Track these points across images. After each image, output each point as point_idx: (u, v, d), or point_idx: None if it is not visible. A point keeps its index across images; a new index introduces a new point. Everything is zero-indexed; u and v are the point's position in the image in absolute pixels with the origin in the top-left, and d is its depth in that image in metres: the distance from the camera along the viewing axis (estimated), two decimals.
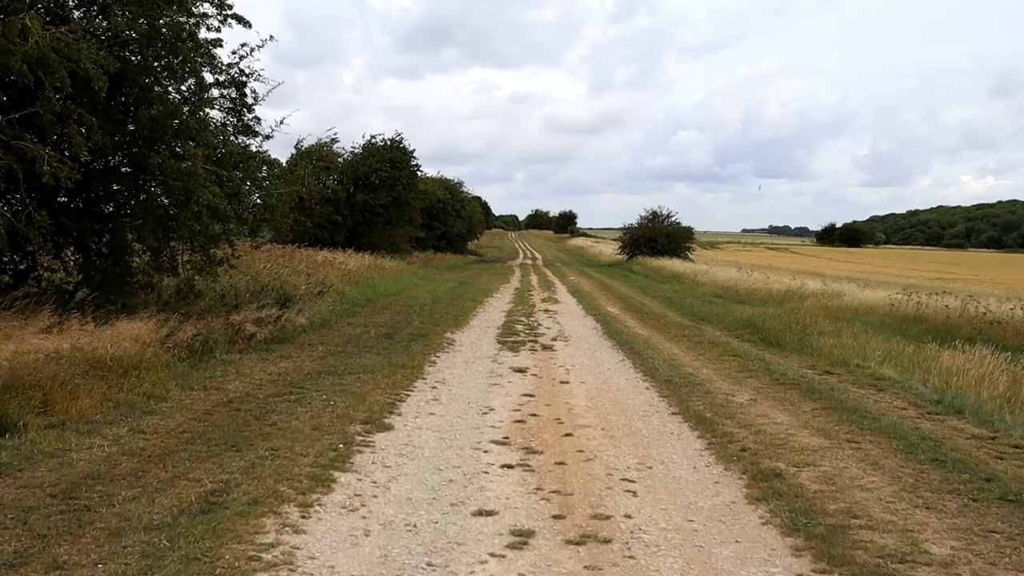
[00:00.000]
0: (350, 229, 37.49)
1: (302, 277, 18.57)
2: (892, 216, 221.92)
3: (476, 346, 14.45)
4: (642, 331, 17.52)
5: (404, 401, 9.49)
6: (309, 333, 14.37)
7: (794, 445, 7.81)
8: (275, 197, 13.05)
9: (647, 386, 11.07)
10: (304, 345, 13.11)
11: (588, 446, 7.77)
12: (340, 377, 10.57)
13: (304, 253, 24.60)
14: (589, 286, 33.27)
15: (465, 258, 54.72)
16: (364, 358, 12.14)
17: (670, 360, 13.20)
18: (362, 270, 26.16)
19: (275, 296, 15.55)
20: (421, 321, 17.27)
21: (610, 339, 16.12)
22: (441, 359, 12.72)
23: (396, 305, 20.51)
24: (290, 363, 11.50)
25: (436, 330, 15.92)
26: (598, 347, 15.02)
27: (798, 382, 11.23)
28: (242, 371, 10.68)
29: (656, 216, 59.69)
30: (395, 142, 40.17)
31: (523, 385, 10.90)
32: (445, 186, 54.57)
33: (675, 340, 16.02)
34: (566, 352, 14.13)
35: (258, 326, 12.88)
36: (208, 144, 11.63)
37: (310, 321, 14.96)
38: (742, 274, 40.48)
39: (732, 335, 17.80)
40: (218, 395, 9.22)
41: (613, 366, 12.79)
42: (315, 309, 16.00)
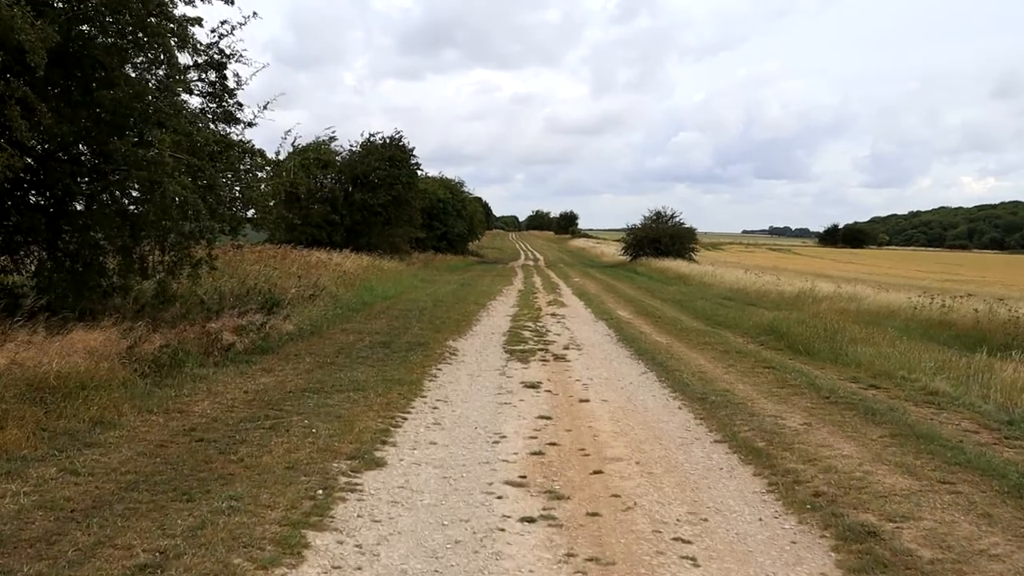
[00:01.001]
0: (348, 229, 36.06)
1: (293, 279, 17.09)
2: (894, 217, 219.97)
3: (481, 356, 12.99)
4: (660, 338, 16.06)
5: (400, 426, 8.01)
6: (297, 342, 12.90)
7: (877, 487, 6.33)
8: (255, 190, 11.55)
9: (679, 405, 9.60)
10: (290, 356, 11.64)
11: (624, 488, 6.30)
12: (327, 396, 9.09)
13: (298, 254, 23.14)
14: (595, 288, 31.81)
15: (466, 259, 53.22)
16: (356, 372, 10.68)
17: (698, 372, 11.74)
18: (359, 271, 24.70)
19: (261, 301, 14.09)
20: (421, 327, 15.80)
21: (626, 347, 14.67)
22: (443, 372, 11.26)
23: (394, 309, 19.04)
24: (271, 378, 10.03)
25: (437, 337, 14.45)
26: (615, 356, 13.56)
27: (852, 401, 9.76)
28: (214, 388, 9.20)
29: (660, 216, 58.27)
30: (394, 140, 38.72)
31: (537, 404, 9.43)
32: (446, 186, 53.08)
33: (698, 348, 14.56)
34: (581, 363, 12.67)
35: (238, 335, 11.42)
36: (181, 131, 10.16)
37: (298, 328, 13.49)
38: (750, 276, 39.13)
39: (755, 342, 16.38)
40: (180, 420, 7.74)
41: (635, 379, 11.33)
42: (305, 314, 14.53)
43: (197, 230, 10.60)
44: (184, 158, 9.84)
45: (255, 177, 12.29)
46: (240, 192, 11.14)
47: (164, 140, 9.47)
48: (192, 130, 10.27)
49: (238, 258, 18.28)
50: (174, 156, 9.72)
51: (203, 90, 11.99)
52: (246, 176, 12.07)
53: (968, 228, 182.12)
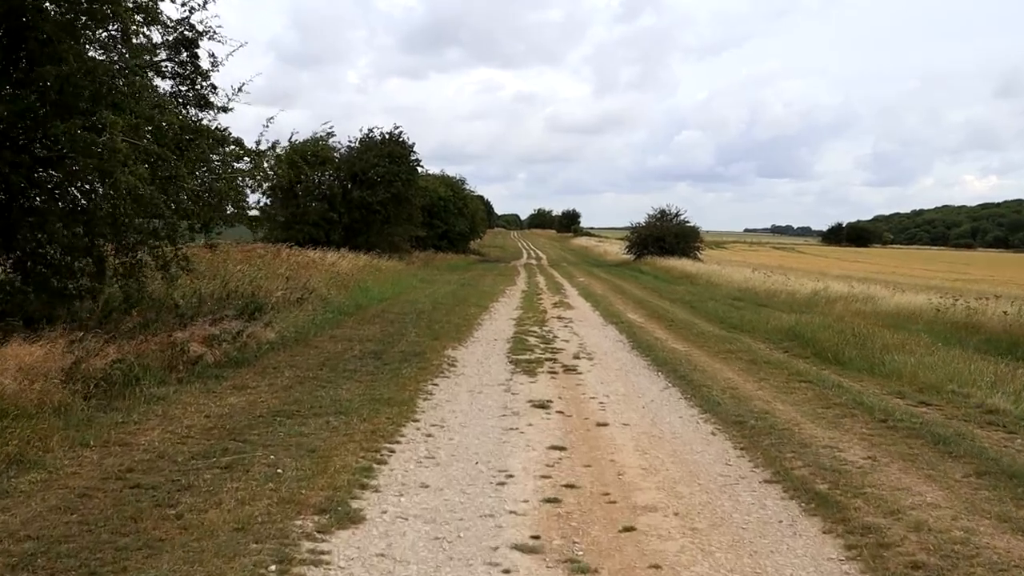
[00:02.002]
0: (346, 228, 34.69)
1: (280, 281, 15.70)
2: (897, 216, 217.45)
3: (483, 367, 11.59)
4: (677, 344, 14.66)
5: (386, 462, 6.61)
6: (278, 352, 11.49)
7: (990, 556, 4.90)
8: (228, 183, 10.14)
9: (712, 430, 8.20)
10: (267, 369, 10.23)
11: (664, 554, 4.90)
12: (302, 421, 7.69)
13: (290, 253, 21.73)
14: (601, 288, 30.41)
15: (467, 258, 51.76)
16: (340, 389, 9.27)
17: (727, 388, 10.35)
18: (355, 271, 23.30)
19: (240, 305, 12.69)
20: (418, 333, 14.40)
21: (642, 355, 13.27)
22: (440, 388, 9.86)
23: (390, 312, 17.63)
24: (242, 397, 8.63)
25: (435, 345, 13.04)
26: (631, 367, 12.16)
27: (912, 425, 8.32)
28: (171, 412, 7.80)
29: (664, 215, 56.82)
30: (394, 136, 37.28)
31: (548, 430, 8.03)
32: (447, 183, 51.58)
33: (721, 357, 13.15)
34: (594, 375, 11.27)
35: (209, 345, 10.03)
36: (141, 114, 8.77)
37: (281, 336, 12.07)
38: (758, 275, 37.73)
39: (778, 348, 15.00)
40: (119, 457, 6.34)
41: (657, 396, 9.94)
42: (290, 320, 13.12)
43: (160, 228, 9.21)
44: (142, 145, 8.45)
45: (232, 169, 10.89)
46: (209, 185, 9.68)
47: (116, 123, 8.07)
48: (154, 114, 8.86)
49: (221, 258, 16.90)
50: (130, 142, 8.33)
51: (172, 71, 10.60)
52: (224, 168, 10.68)
53: (972, 227, 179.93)
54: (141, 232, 9.02)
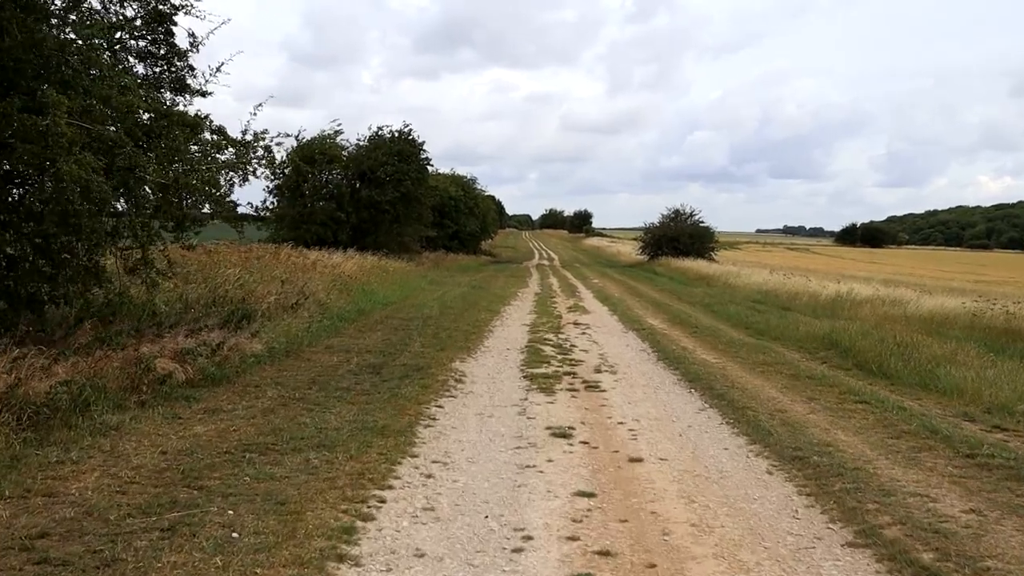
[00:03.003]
0: (354, 228, 33.41)
1: (274, 285, 14.36)
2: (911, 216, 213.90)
3: (494, 383, 10.23)
4: (707, 355, 13.27)
5: (373, 518, 5.23)
6: (264, 366, 10.14)
7: None
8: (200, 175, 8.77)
9: (766, 467, 6.81)
10: (248, 388, 8.88)
11: None
12: (277, 459, 6.33)
13: (291, 254, 20.39)
14: (616, 290, 29.00)
15: (478, 259, 50.37)
16: (329, 413, 7.91)
17: (774, 409, 8.95)
18: (360, 273, 21.96)
19: (225, 313, 11.37)
20: (423, 342, 13.03)
21: (670, 368, 11.88)
22: (444, 411, 8.49)
23: (395, 318, 16.28)
24: (211, 425, 7.28)
25: (441, 357, 11.67)
26: (659, 382, 10.78)
27: (1008, 463, 6.89)
28: (120, 448, 6.45)
29: (679, 215, 55.39)
30: (403, 134, 35.90)
31: (572, 467, 6.65)
32: (457, 183, 50.17)
33: (758, 371, 11.76)
34: (619, 393, 9.90)
35: (181, 361, 8.68)
36: (96, 94, 7.43)
37: (269, 348, 10.71)
38: (776, 276, 36.32)
39: (815, 358, 13.64)
40: (36, 514, 4.98)
41: (694, 421, 8.55)
42: (281, 329, 11.76)
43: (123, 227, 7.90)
44: (94, 130, 7.12)
45: (209, 160, 9.56)
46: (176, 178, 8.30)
47: (61, 103, 6.74)
48: (111, 94, 7.52)
49: (215, 260, 15.60)
50: (79, 126, 6.99)
51: (144, 49, 9.28)
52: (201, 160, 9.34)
53: (986, 227, 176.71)
54: (95, 232, 7.68)
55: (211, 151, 9.66)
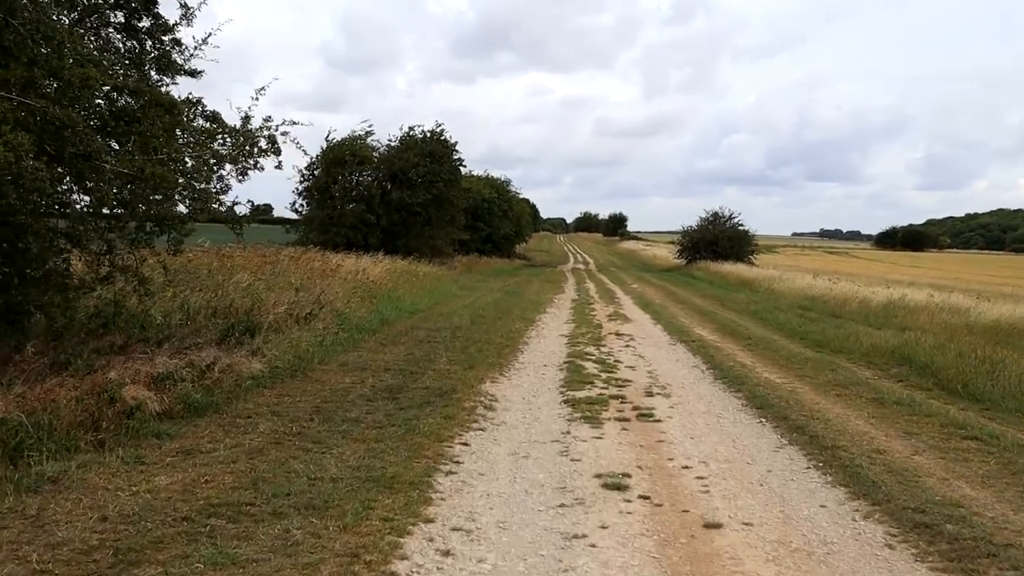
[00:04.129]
0: (385, 230, 32.00)
1: (288, 292, 12.89)
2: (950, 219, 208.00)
3: (531, 410, 8.65)
4: (769, 372, 11.60)
5: None
6: (264, 390, 8.63)
7: None
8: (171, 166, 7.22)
9: (882, 536, 5.16)
10: (236, 420, 7.38)
11: None
12: (247, 532, 4.76)
13: (312, 257, 18.95)
14: (657, 296, 27.30)
15: (512, 262, 48.72)
16: (328, 456, 6.37)
17: (870, 449, 7.28)
18: (387, 279, 20.47)
19: (224, 327, 9.91)
20: (450, 358, 11.50)
21: (730, 389, 10.25)
22: (470, 450, 6.92)
23: (421, 328, 14.75)
24: (176, 475, 5.76)
25: (469, 377, 10.12)
26: (721, 408, 9.15)
27: None
28: (49, 512, 4.95)
29: (717, 217, 53.53)
30: (435, 134, 34.41)
31: (632, 539, 5.05)
32: (491, 185, 48.53)
33: (833, 394, 10.09)
34: (678, 424, 8.28)
35: (158, 387, 7.21)
36: (42, 64, 5.98)
37: (271, 367, 9.20)
38: (821, 281, 34.43)
39: (889, 376, 12.00)
40: None
41: (775, 464, 6.91)
42: (288, 344, 10.25)
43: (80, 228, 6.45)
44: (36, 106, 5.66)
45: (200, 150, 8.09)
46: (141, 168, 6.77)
47: None
48: (63, 65, 6.06)
49: (227, 265, 14.20)
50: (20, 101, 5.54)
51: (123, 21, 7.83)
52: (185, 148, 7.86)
53: None
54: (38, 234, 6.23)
55: (203, 140, 8.19)
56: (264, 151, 8.95)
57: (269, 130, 9.18)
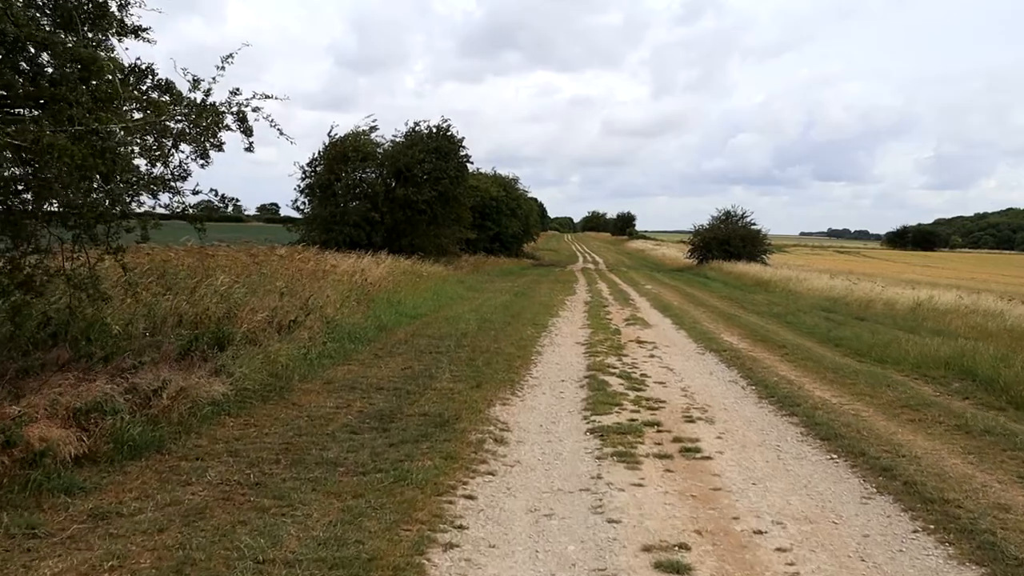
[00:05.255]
0: (389, 229, 30.44)
1: (271, 297, 11.28)
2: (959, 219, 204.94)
3: (549, 445, 7.02)
4: (820, 390, 9.97)
5: None
6: (225, 419, 7.02)
7: None
8: (87, 144, 5.57)
9: None
10: (180, 466, 5.74)
11: None
12: None
13: (309, 257, 17.34)
14: (674, 298, 25.62)
15: (520, 262, 46.96)
16: (288, 524, 4.72)
17: (991, 505, 5.62)
18: (389, 280, 18.86)
19: (187, 339, 8.30)
20: (454, 373, 9.88)
21: (783, 412, 8.62)
22: (476, 506, 5.28)
23: (423, 336, 13.13)
24: (70, 560, 4.09)
25: (475, 398, 8.49)
26: (778, 438, 7.51)
27: None
28: None
29: (730, 216, 51.79)
30: (441, 129, 32.78)
31: None
32: (499, 183, 46.75)
33: (904, 418, 8.45)
34: (731, 461, 6.65)
35: (81, 423, 5.60)
36: None
37: (239, 389, 7.58)
38: (839, 282, 32.83)
39: (952, 393, 10.46)
40: None
41: (867, 522, 5.26)
42: (261, 360, 8.61)
43: None
44: None
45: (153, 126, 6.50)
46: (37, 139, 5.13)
47: None
48: None
49: (209, 266, 12.60)
50: None
51: None
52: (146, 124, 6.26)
53: None
54: None
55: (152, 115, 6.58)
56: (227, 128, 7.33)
57: (238, 106, 7.58)
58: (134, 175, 6.34)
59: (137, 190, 6.42)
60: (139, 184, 6.40)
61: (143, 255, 12.14)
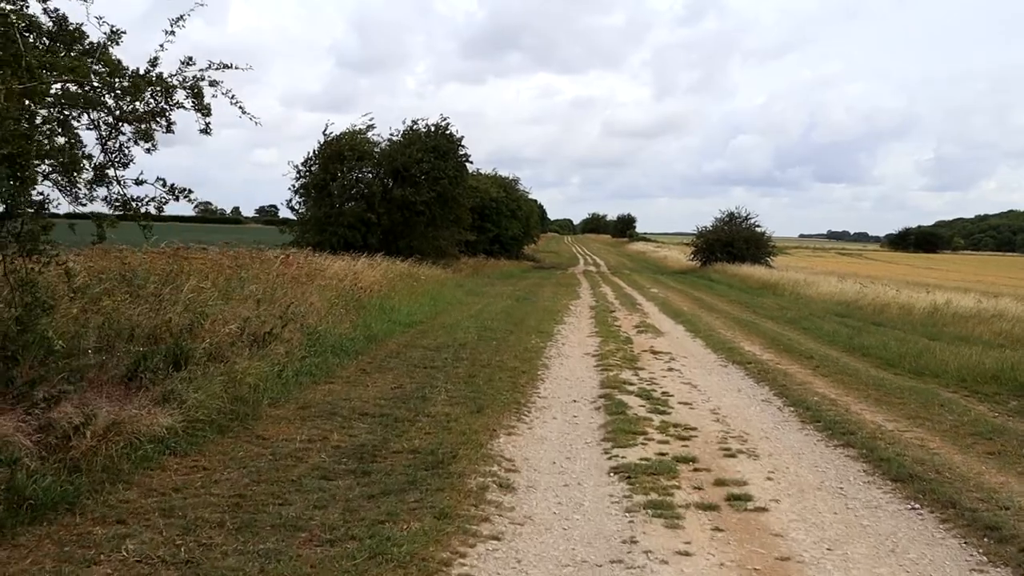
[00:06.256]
0: (386, 230, 29.14)
1: (247, 305, 9.94)
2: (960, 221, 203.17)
3: (566, 491, 5.66)
4: (871, 413, 8.62)
5: None
6: (169, 459, 5.65)
7: None
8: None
9: None
10: (92, 531, 4.36)
11: None
12: None
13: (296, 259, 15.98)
14: (682, 303, 24.27)
15: (520, 264, 45.57)
16: None
17: None
18: (383, 284, 17.52)
19: (134, 356, 6.95)
20: (451, 393, 8.53)
21: (835, 442, 7.28)
22: None
23: (417, 347, 11.78)
24: None
25: (475, 427, 7.13)
26: (839, 479, 6.16)
27: None
28: None
29: (733, 218, 50.54)
30: (440, 128, 31.43)
31: None
32: (499, 183, 45.35)
33: (979, 448, 7.13)
34: (791, 516, 5.29)
35: None
36: None
37: (189, 420, 6.23)
38: (849, 285, 31.43)
39: (1011, 413, 9.23)
40: None
41: None
42: (222, 382, 7.24)
43: None
44: None
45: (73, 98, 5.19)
46: None
47: None
48: None
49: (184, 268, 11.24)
50: None
51: None
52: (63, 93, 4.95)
53: None
54: None
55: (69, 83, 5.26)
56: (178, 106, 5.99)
57: (193, 79, 6.24)
58: (58, 159, 5.02)
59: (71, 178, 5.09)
60: (65, 170, 5.07)
61: (112, 258, 10.85)
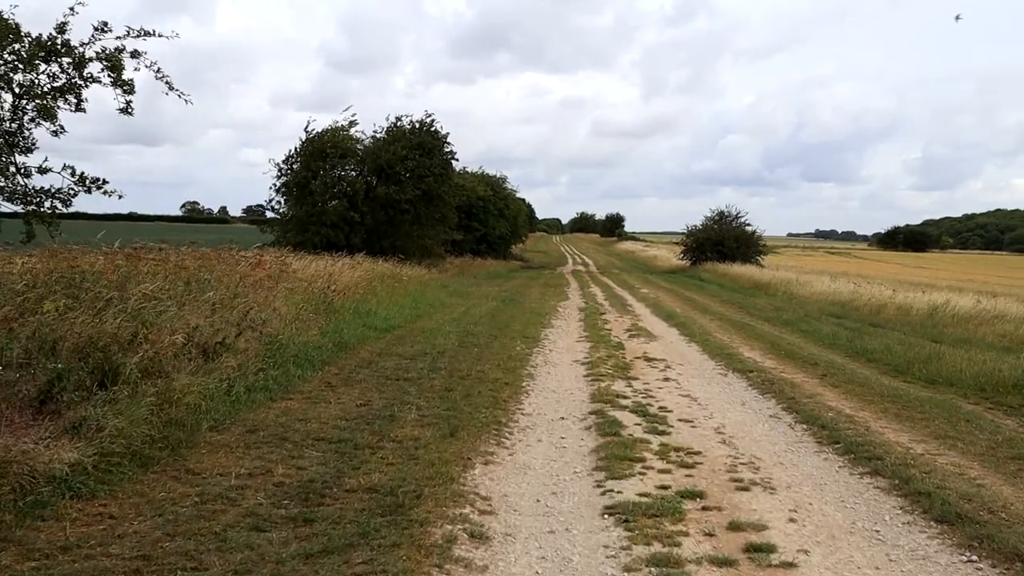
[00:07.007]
0: (370, 230, 28.23)
1: (202, 311, 8.88)
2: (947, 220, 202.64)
3: (551, 544, 4.61)
4: (894, 432, 7.65)
5: None
6: (71, 502, 4.64)
7: None
8: None
9: None
10: None
11: None
12: None
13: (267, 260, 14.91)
14: (674, 304, 23.29)
15: (508, 264, 44.54)
16: None
17: None
18: (361, 286, 16.48)
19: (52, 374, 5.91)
20: (423, 412, 7.51)
21: (860, 470, 6.31)
22: None
23: (391, 357, 10.75)
24: None
25: (446, 456, 6.10)
26: (872, 520, 5.17)
27: None
28: None
29: (723, 217, 49.76)
30: (425, 124, 30.45)
31: None
32: (486, 182, 44.31)
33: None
34: (826, 574, 4.33)
35: None
36: None
37: (102, 454, 5.20)
38: (841, 284, 30.59)
39: None
40: None
41: None
42: (152, 402, 6.19)
43: None
44: None
45: None
46: None
47: None
48: None
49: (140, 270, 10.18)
50: None
51: None
52: None
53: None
54: None
55: None
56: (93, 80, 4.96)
57: (109, 50, 5.20)
58: None
59: None
60: None
61: (61, 259, 9.79)
